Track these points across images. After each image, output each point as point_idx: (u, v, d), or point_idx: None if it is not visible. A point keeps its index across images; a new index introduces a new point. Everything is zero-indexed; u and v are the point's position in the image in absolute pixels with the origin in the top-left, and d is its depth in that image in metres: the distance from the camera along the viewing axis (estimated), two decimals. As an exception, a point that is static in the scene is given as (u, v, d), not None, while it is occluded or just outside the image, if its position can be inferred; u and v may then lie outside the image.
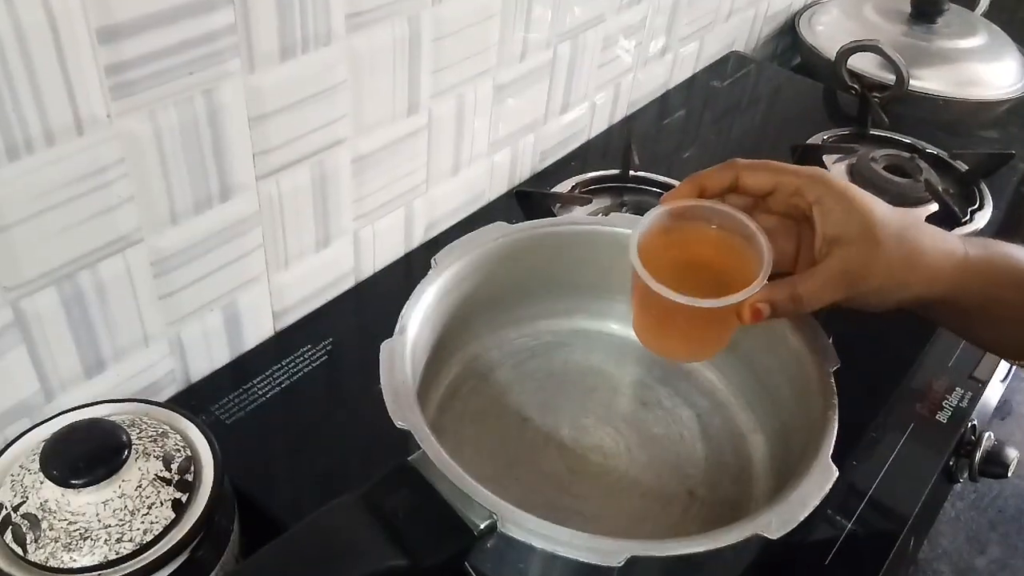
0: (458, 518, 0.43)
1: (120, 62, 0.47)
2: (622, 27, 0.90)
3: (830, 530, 0.58)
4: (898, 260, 0.47)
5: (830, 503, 0.52)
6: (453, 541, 0.43)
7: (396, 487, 0.44)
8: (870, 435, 0.65)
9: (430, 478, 0.44)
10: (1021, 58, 1.16)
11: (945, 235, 0.50)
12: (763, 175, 0.49)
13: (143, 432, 0.48)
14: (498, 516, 0.43)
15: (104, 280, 0.53)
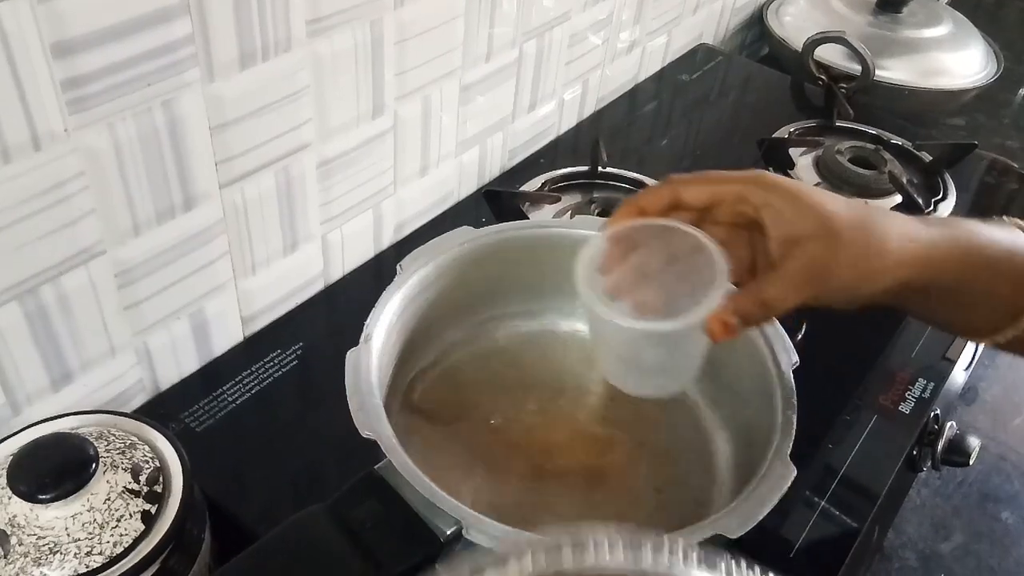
0: (424, 526, 0.43)
1: (76, 76, 0.46)
2: (589, 23, 0.90)
3: (796, 522, 0.59)
4: (861, 250, 0.45)
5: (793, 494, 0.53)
6: (420, 549, 0.43)
7: (363, 496, 0.45)
8: (837, 424, 0.66)
9: (396, 487, 0.45)
10: (985, 47, 1.17)
11: (906, 219, 0.48)
12: (701, 188, 0.48)
13: (111, 444, 0.48)
14: (463, 523, 0.43)
15: (67, 293, 0.53)
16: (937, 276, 0.46)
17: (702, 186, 0.48)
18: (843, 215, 0.45)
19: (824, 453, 0.64)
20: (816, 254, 0.45)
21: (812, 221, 0.45)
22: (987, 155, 1.00)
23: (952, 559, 0.77)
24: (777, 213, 0.46)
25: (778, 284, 0.45)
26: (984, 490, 0.76)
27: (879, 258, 0.45)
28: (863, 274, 0.46)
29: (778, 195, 0.46)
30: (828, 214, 0.45)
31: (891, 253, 0.45)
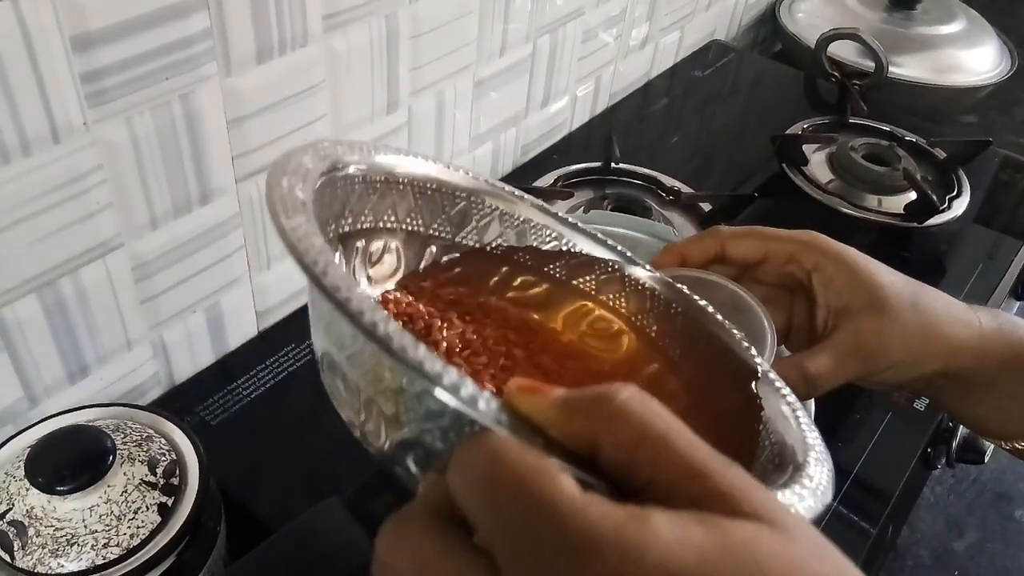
0: (440, 520, 0.43)
1: (95, 70, 0.47)
2: (602, 19, 0.90)
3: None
4: (914, 332, 0.42)
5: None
6: (436, 542, 0.43)
7: (380, 490, 0.45)
8: (850, 422, 0.66)
9: (413, 480, 0.45)
10: (1000, 43, 1.16)
11: (956, 303, 0.45)
12: (752, 243, 0.45)
13: (128, 437, 0.48)
14: (480, 517, 0.43)
15: (85, 286, 0.53)
16: (984, 368, 0.44)
17: (752, 241, 0.45)
18: (898, 292, 0.43)
19: (837, 451, 0.64)
20: (867, 329, 0.42)
21: (864, 293, 0.43)
22: (1001, 152, 0.99)
23: (966, 557, 0.76)
24: (829, 280, 0.43)
25: (826, 357, 0.42)
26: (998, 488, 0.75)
27: (933, 341, 0.43)
28: (915, 355, 0.43)
29: (832, 261, 0.44)
30: (883, 287, 0.43)
31: (945, 337, 0.43)
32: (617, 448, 0.21)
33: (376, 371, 0.24)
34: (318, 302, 0.26)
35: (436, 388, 0.21)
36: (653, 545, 0.19)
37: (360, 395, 0.25)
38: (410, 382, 0.23)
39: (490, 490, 0.20)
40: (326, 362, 0.27)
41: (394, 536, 0.23)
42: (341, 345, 0.25)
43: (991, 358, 0.44)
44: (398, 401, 0.24)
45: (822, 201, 0.86)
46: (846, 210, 0.85)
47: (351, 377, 0.25)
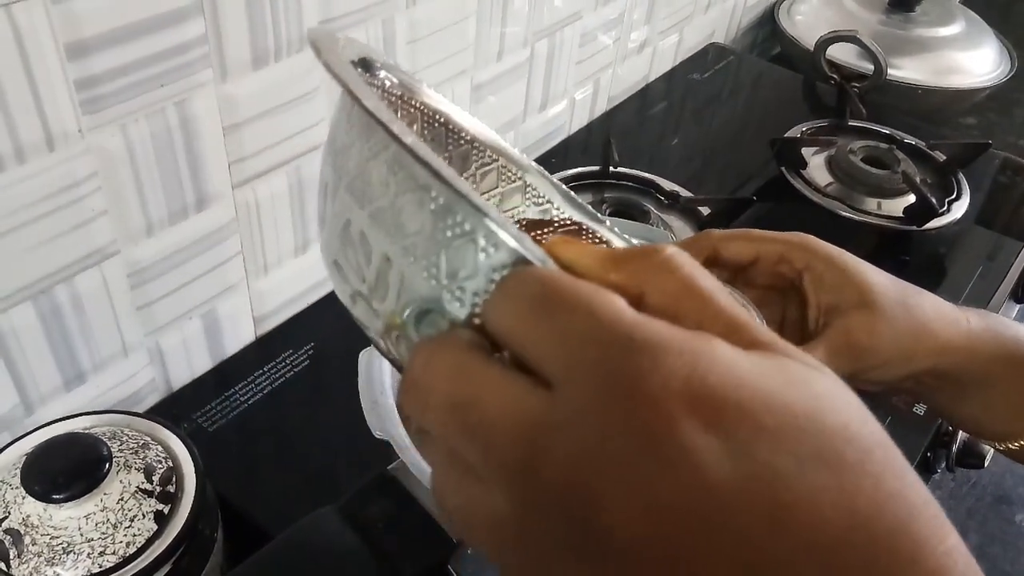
0: (437, 526, 0.43)
1: (90, 77, 0.47)
2: (600, 22, 0.90)
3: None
4: (904, 329, 0.43)
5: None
6: (432, 549, 0.43)
7: (375, 497, 0.44)
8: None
9: (409, 487, 0.44)
10: (999, 45, 1.16)
11: (945, 303, 0.45)
12: (743, 244, 0.45)
13: (124, 444, 0.48)
14: (476, 524, 0.43)
15: (81, 293, 0.53)
16: (974, 367, 0.44)
17: (743, 243, 0.46)
18: (888, 289, 0.43)
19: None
20: (859, 325, 0.42)
21: (855, 291, 0.43)
22: (1000, 154, 0.99)
23: (966, 561, 0.76)
24: (819, 279, 0.44)
25: (817, 354, 0.41)
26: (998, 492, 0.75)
27: (922, 339, 0.43)
28: (905, 353, 0.43)
29: (822, 261, 0.44)
30: (872, 285, 0.43)
31: (935, 335, 0.43)
32: (663, 296, 0.21)
33: (404, 222, 0.22)
34: (347, 150, 0.24)
35: (487, 220, 0.20)
36: (721, 354, 0.19)
37: (372, 262, 0.24)
38: (453, 222, 0.21)
39: (546, 309, 0.20)
40: (339, 230, 0.25)
41: (430, 354, 0.21)
42: (366, 201, 0.23)
43: (980, 357, 0.44)
44: (424, 256, 0.22)
45: (821, 204, 0.86)
46: (845, 213, 0.85)
47: (371, 237, 0.23)
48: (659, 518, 0.18)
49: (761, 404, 0.19)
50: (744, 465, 0.18)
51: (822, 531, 0.18)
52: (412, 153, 0.21)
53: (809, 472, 0.18)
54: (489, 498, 0.20)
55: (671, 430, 0.18)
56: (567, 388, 0.19)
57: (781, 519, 0.18)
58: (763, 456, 0.18)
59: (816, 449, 0.18)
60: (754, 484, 0.18)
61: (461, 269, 0.21)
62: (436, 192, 0.21)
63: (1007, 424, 0.46)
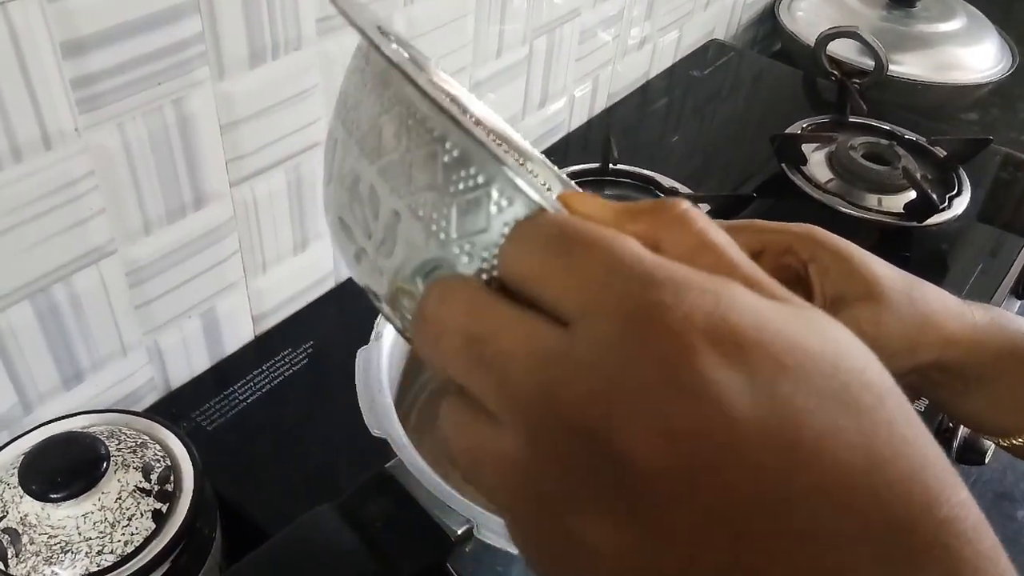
0: (435, 525, 0.43)
1: (86, 75, 0.46)
2: (599, 19, 0.90)
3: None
4: (910, 321, 0.42)
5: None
6: (431, 548, 0.43)
7: (373, 495, 0.44)
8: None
9: (407, 485, 0.44)
10: (1000, 40, 1.16)
11: (950, 296, 0.45)
12: (749, 236, 0.45)
13: (122, 443, 0.48)
14: (475, 522, 0.43)
15: (79, 292, 0.53)
16: (979, 361, 0.44)
17: (749, 234, 0.46)
18: (894, 281, 0.43)
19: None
20: (865, 316, 0.42)
21: (861, 282, 0.43)
22: (1002, 150, 0.99)
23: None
24: (825, 270, 0.44)
25: None
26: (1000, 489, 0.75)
27: (928, 331, 0.43)
28: (911, 345, 0.43)
29: (828, 252, 0.44)
30: (878, 276, 0.43)
31: (940, 328, 0.43)
32: (678, 249, 0.21)
33: (415, 176, 0.22)
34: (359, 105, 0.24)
35: (505, 168, 0.20)
36: (742, 295, 0.19)
37: (381, 217, 0.23)
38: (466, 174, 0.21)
39: (565, 247, 0.20)
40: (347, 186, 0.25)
41: (446, 289, 0.21)
42: (377, 155, 0.23)
43: (985, 351, 0.44)
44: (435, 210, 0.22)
45: (822, 201, 0.86)
46: (846, 210, 0.85)
47: (380, 192, 0.23)
48: (678, 449, 0.18)
49: (782, 344, 0.18)
50: (765, 401, 0.18)
51: (840, 472, 0.18)
52: (431, 99, 0.21)
53: (828, 412, 0.18)
54: (500, 437, 0.20)
55: (693, 362, 0.18)
56: (586, 323, 0.19)
57: (800, 457, 0.18)
58: (784, 394, 0.18)
59: (835, 391, 0.18)
60: (774, 421, 0.18)
61: (473, 223, 0.21)
62: (451, 144, 0.21)
63: (1010, 419, 0.46)
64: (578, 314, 0.19)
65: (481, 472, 0.20)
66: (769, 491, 0.18)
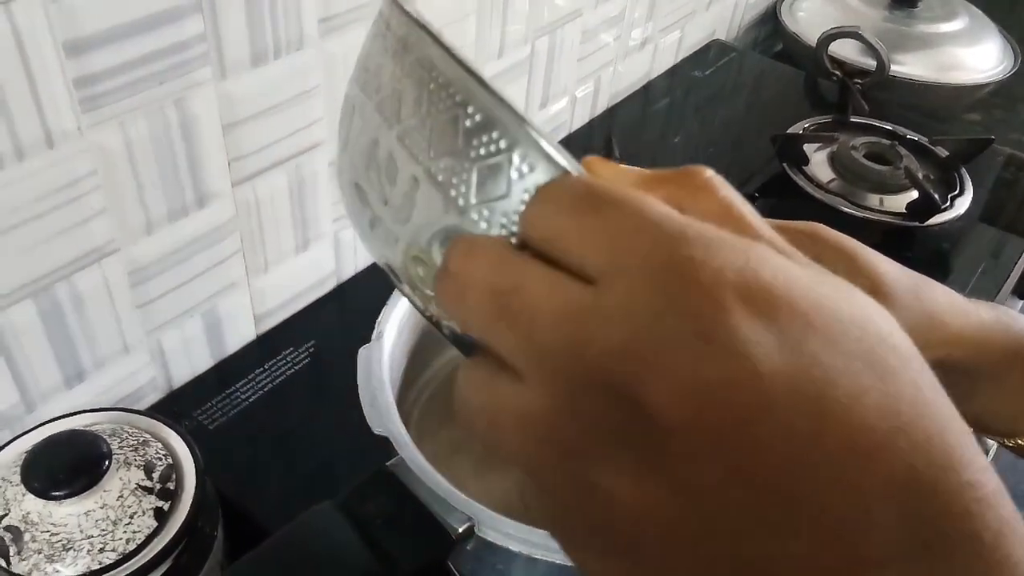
0: (436, 523, 0.43)
1: (89, 75, 0.47)
2: (601, 19, 0.90)
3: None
4: (917, 318, 0.41)
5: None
6: (431, 546, 0.43)
7: (374, 493, 0.44)
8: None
9: (408, 483, 0.44)
10: (1002, 40, 1.16)
11: (956, 295, 0.45)
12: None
13: (124, 441, 0.48)
14: (476, 520, 0.43)
15: (81, 291, 0.53)
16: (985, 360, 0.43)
17: None
18: (899, 278, 0.42)
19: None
20: None
21: (867, 280, 0.42)
22: (1004, 151, 0.99)
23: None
24: (830, 268, 0.43)
25: None
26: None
27: (934, 328, 0.42)
28: (918, 342, 0.42)
29: (833, 249, 0.43)
30: (884, 274, 0.42)
31: (947, 326, 0.42)
32: (701, 215, 0.21)
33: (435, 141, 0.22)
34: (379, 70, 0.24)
35: (529, 127, 0.20)
36: (772, 256, 0.19)
37: (398, 183, 0.23)
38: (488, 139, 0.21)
39: (592, 205, 0.19)
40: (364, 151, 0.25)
41: (471, 244, 0.21)
42: (396, 120, 0.23)
43: (992, 350, 0.44)
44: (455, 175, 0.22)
45: (824, 201, 0.86)
46: (848, 209, 0.85)
47: (398, 158, 0.23)
48: (707, 403, 0.18)
49: (812, 304, 0.19)
50: (794, 359, 0.18)
51: (866, 431, 0.18)
52: (455, 61, 0.21)
53: (856, 372, 0.18)
54: (522, 393, 0.19)
55: (724, 317, 0.18)
56: (616, 277, 0.19)
57: (827, 415, 0.18)
58: (813, 352, 0.18)
59: (862, 352, 0.19)
60: (803, 378, 0.18)
61: (493, 189, 0.21)
62: (474, 108, 0.21)
63: (1016, 419, 0.45)
64: (607, 269, 0.19)
65: (501, 429, 0.20)
66: (797, 448, 0.18)
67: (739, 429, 0.18)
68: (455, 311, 0.21)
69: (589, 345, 0.18)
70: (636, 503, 0.19)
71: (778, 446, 0.18)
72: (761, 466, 0.18)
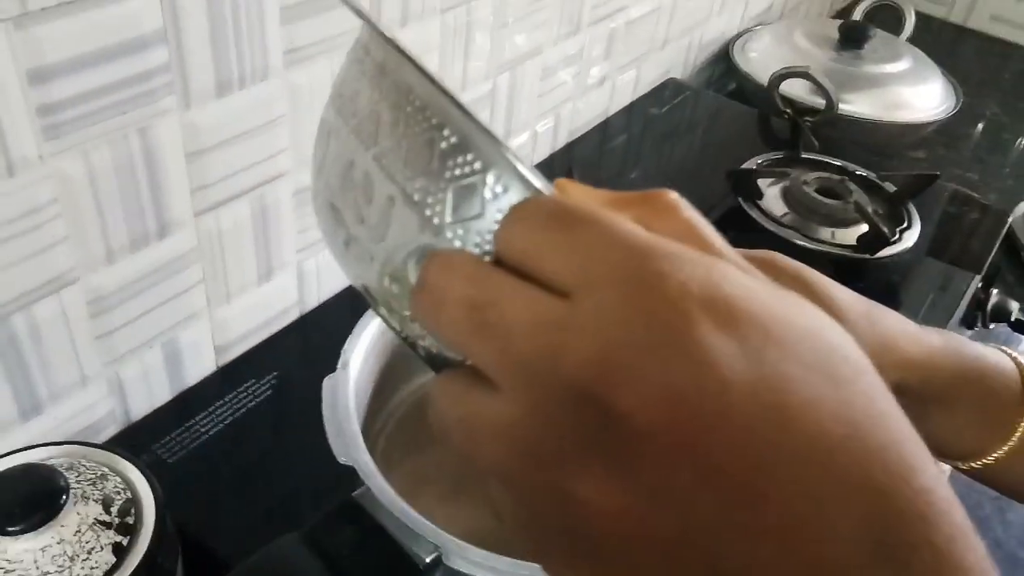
0: (403, 553, 0.43)
1: (51, 103, 0.46)
2: (560, 58, 0.92)
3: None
4: (870, 342, 0.43)
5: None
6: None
7: (340, 524, 0.44)
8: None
9: (374, 513, 0.44)
10: (944, 81, 1.20)
11: (907, 320, 0.46)
12: None
13: (82, 475, 0.47)
14: (443, 549, 0.43)
15: (39, 321, 0.52)
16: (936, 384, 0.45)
17: None
18: (852, 304, 0.44)
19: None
20: None
21: (820, 305, 0.43)
22: (949, 186, 1.02)
23: None
24: None
25: None
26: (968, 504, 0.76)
27: (887, 353, 0.43)
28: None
29: (788, 277, 0.45)
30: (837, 299, 0.44)
31: (900, 350, 0.44)
32: (667, 235, 0.22)
33: (411, 162, 0.22)
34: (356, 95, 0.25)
35: (503, 149, 0.21)
36: (732, 270, 0.20)
37: (374, 202, 0.24)
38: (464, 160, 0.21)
39: (564, 223, 0.20)
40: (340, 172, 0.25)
41: (447, 259, 0.21)
42: (373, 142, 0.24)
43: (942, 374, 0.45)
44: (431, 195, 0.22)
45: (777, 234, 0.88)
46: (801, 242, 0.87)
47: (375, 178, 0.23)
48: (676, 409, 0.18)
49: (771, 316, 0.20)
50: (756, 367, 0.19)
51: (823, 437, 0.19)
52: (431, 83, 0.21)
53: (811, 381, 0.19)
54: (497, 403, 0.20)
55: (690, 327, 0.19)
56: (588, 291, 0.20)
57: (787, 421, 0.19)
58: (773, 361, 0.19)
59: (817, 362, 0.20)
60: (764, 385, 0.19)
61: (468, 209, 0.22)
62: (449, 130, 0.22)
63: (967, 443, 0.46)
64: (579, 284, 0.20)
65: (477, 440, 0.21)
66: (758, 453, 0.18)
67: (707, 434, 0.18)
68: (431, 324, 0.22)
69: (563, 356, 0.19)
70: (611, 508, 0.19)
71: (742, 449, 0.18)
72: (728, 468, 0.18)
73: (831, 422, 0.19)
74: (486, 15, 0.76)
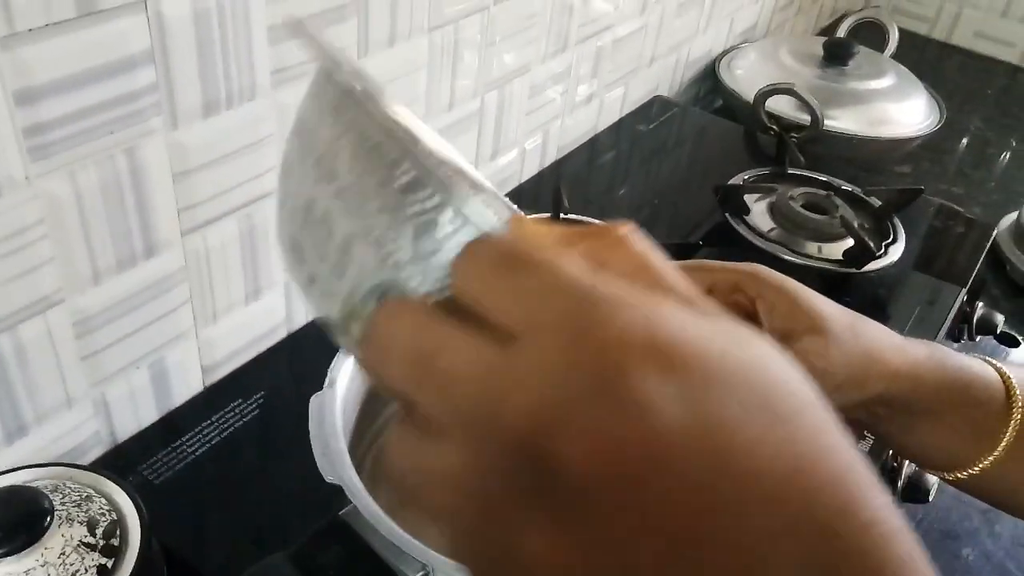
0: (391, 572, 0.43)
1: (38, 123, 0.46)
2: (548, 76, 0.92)
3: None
4: (855, 354, 0.44)
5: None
6: (385, 595, 0.42)
7: (327, 543, 0.44)
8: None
9: (362, 532, 0.44)
10: (928, 97, 1.22)
11: (892, 332, 0.47)
12: (698, 275, 0.47)
13: (66, 497, 0.47)
14: (430, 568, 0.43)
15: (24, 342, 0.52)
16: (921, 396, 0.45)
17: (698, 274, 0.47)
18: (837, 315, 0.45)
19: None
20: (812, 349, 0.44)
21: (806, 317, 0.44)
22: (934, 201, 1.03)
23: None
24: (772, 306, 0.45)
25: None
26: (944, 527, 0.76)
27: (872, 364, 0.44)
28: (857, 377, 0.44)
29: (773, 289, 0.46)
30: (822, 311, 0.45)
31: (884, 362, 0.45)
32: (618, 268, 0.22)
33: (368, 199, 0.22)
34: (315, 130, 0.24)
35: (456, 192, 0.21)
36: (672, 312, 0.20)
37: (334, 240, 0.24)
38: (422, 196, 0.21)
39: (511, 267, 0.21)
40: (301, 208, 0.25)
41: (395, 309, 0.22)
42: (332, 179, 0.23)
43: (926, 385, 0.45)
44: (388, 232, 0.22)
45: (764, 249, 0.89)
46: (788, 257, 0.87)
47: (334, 215, 0.23)
48: (611, 459, 0.18)
49: (710, 356, 0.19)
50: (693, 411, 0.19)
51: (766, 476, 0.19)
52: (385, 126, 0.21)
53: (754, 420, 0.19)
54: (446, 454, 0.20)
55: (626, 375, 0.19)
56: (529, 338, 0.20)
57: (727, 463, 0.19)
58: (711, 403, 0.19)
59: (759, 399, 0.19)
60: (702, 429, 0.19)
61: (425, 246, 0.22)
62: (404, 168, 0.22)
63: (953, 453, 0.47)
64: (522, 328, 0.20)
65: (426, 490, 0.21)
66: (697, 497, 0.18)
67: (644, 482, 0.18)
68: (380, 374, 0.22)
69: (502, 405, 0.19)
70: (555, 561, 0.19)
71: (681, 495, 0.18)
72: (668, 515, 0.18)
73: (773, 460, 0.19)
74: (474, 34, 0.77)
